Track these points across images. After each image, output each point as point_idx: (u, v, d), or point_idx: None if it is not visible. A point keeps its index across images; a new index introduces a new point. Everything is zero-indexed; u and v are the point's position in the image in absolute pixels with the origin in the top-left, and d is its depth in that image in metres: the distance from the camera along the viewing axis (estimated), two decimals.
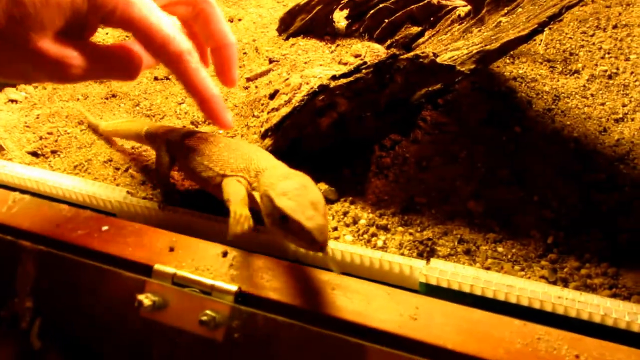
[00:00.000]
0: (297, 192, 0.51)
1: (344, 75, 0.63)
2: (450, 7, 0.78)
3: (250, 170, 0.59)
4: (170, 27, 0.51)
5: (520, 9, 0.63)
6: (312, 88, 0.65)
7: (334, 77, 0.63)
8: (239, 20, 1.23)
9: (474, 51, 0.59)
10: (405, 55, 0.58)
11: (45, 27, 0.46)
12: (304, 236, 0.48)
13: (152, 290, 0.50)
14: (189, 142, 0.65)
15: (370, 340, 0.45)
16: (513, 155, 0.70)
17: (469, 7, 0.73)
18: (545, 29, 0.60)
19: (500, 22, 0.63)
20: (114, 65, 0.53)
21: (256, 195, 0.55)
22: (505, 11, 0.65)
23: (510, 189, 0.66)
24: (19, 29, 0.45)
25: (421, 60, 0.57)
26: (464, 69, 0.58)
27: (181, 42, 0.51)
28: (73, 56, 0.48)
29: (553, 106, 0.76)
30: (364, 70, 0.61)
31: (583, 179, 0.67)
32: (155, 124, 0.81)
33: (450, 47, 0.65)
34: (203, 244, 0.55)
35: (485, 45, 0.59)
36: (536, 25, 0.56)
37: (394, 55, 0.58)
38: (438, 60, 0.60)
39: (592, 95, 0.77)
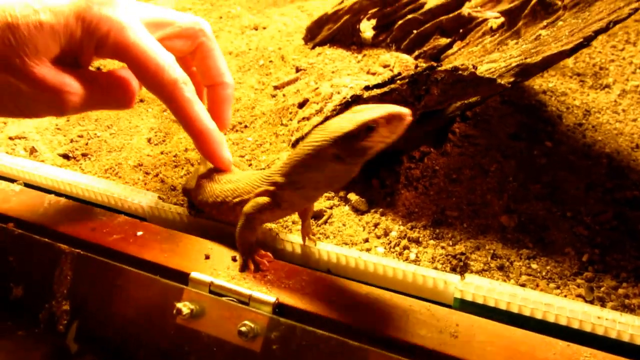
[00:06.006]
0: (341, 117, 0.48)
1: (377, 86, 0.62)
2: (480, 19, 0.77)
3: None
4: (164, 55, 0.49)
5: (561, 22, 0.62)
6: (344, 98, 0.64)
7: (367, 88, 0.62)
8: (264, 28, 1.22)
9: (513, 64, 0.58)
10: (444, 67, 0.57)
11: (40, 53, 0.46)
12: (397, 121, 0.46)
13: (189, 298, 0.49)
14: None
15: (410, 356, 0.44)
16: (544, 169, 0.69)
17: (501, 20, 0.72)
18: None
19: (540, 35, 0.62)
20: (110, 94, 0.52)
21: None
22: (545, 24, 0.64)
23: (542, 204, 0.65)
24: (14, 54, 0.45)
25: (460, 72, 0.55)
26: (503, 81, 0.57)
27: (175, 70, 0.50)
28: (71, 84, 0.48)
29: (584, 121, 0.75)
30: (398, 81, 0.60)
31: (616, 195, 0.65)
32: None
33: (485, 59, 0.64)
34: (238, 253, 0.54)
35: (526, 58, 0.57)
36: (581, 40, 0.55)
37: (431, 66, 0.57)
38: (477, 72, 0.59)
39: (623, 110, 0.76)
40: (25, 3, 0.45)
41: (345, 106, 0.63)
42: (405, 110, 0.46)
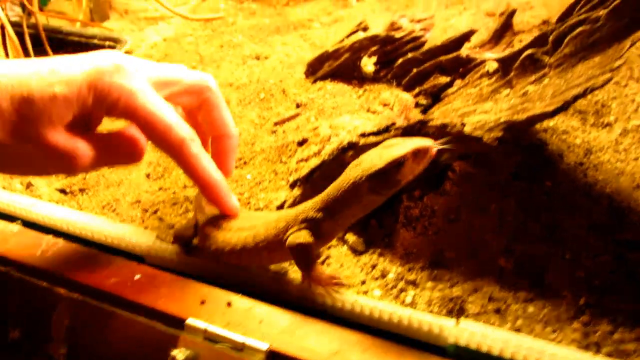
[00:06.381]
0: (372, 153, 0.55)
1: (373, 134, 0.65)
2: (479, 61, 0.81)
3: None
4: (171, 115, 0.54)
5: (547, 80, 0.66)
6: (341, 143, 0.68)
7: (363, 135, 0.66)
8: (266, 58, 1.26)
9: (502, 119, 0.62)
10: (433, 123, 0.60)
11: (55, 122, 0.50)
12: (423, 154, 0.54)
13: (185, 344, 0.52)
14: None
15: None
16: (544, 209, 0.72)
17: (497, 64, 0.75)
18: None
19: (527, 91, 0.65)
20: (120, 153, 0.57)
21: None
22: (533, 78, 0.68)
23: (541, 245, 0.68)
24: (30, 125, 0.49)
25: (449, 129, 0.59)
26: (491, 135, 0.61)
27: (182, 129, 0.54)
28: (82, 147, 0.52)
29: (585, 160, 0.78)
30: (392, 131, 0.63)
31: (616, 236, 0.68)
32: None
33: (478, 108, 0.68)
34: (234, 298, 0.57)
35: (513, 115, 0.61)
36: (562, 103, 0.59)
37: (422, 121, 0.61)
38: (466, 121, 0.63)
39: (625, 149, 0.79)
40: (40, 76, 0.49)
41: (342, 151, 0.68)
42: (429, 144, 0.54)
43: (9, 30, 1.24)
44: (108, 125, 0.57)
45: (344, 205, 0.56)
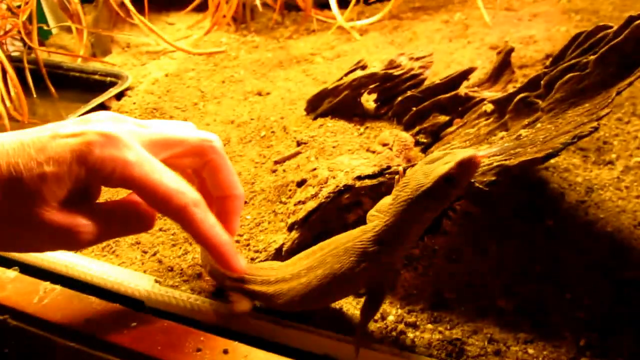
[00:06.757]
0: (417, 172, 0.57)
1: (368, 177, 0.69)
2: (478, 99, 0.84)
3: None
4: (172, 180, 0.54)
5: (539, 124, 0.69)
6: (337, 186, 0.71)
7: (359, 177, 0.70)
8: (267, 94, 1.30)
9: (495, 163, 0.65)
10: None
11: (48, 200, 0.49)
12: (468, 164, 0.55)
13: None
14: None
15: None
16: (545, 249, 0.75)
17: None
18: None
19: (520, 134, 0.69)
20: (128, 223, 0.57)
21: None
22: (526, 122, 0.71)
23: (541, 286, 0.70)
24: (22, 207, 0.49)
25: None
26: (484, 179, 0.64)
27: (185, 193, 0.54)
28: (82, 222, 0.52)
29: (586, 198, 0.81)
30: (387, 175, 0.67)
31: (617, 276, 0.71)
32: None
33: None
34: (231, 345, 0.60)
35: (505, 160, 0.65)
36: (551, 150, 0.62)
37: (414, 165, 0.64)
38: None
39: (626, 187, 0.82)
40: (29, 156, 0.49)
41: (338, 194, 0.71)
42: (472, 153, 0.55)
43: (8, 67, 1.30)
44: None
45: (402, 228, 0.58)
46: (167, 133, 0.58)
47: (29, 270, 0.79)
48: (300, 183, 0.83)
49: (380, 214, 0.61)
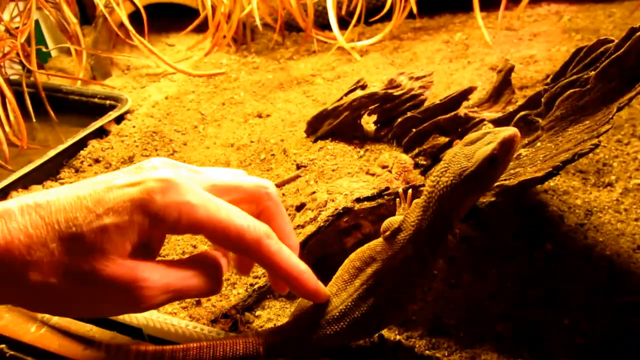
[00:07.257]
0: (458, 155, 0.57)
1: (367, 199, 0.70)
2: (477, 120, 0.86)
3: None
4: (241, 216, 0.53)
5: (539, 144, 0.70)
6: (336, 209, 0.72)
7: (358, 200, 0.71)
8: (268, 116, 1.32)
9: (494, 184, 0.66)
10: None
11: (110, 254, 0.47)
12: (509, 142, 0.55)
13: None
14: None
15: None
16: (544, 273, 0.75)
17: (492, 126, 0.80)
18: None
19: (520, 154, 0.70)
20: (193, 282, 0.54)
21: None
22: (526, 142, 0.72)
23: (540, 311, 0.71)
24: (83, 262, 0.47)
25: None
26: (484, 200, 0.65)
27: (257, 227, 0.53)
28: (144, 277, 0.49)
29: (585, 221, 0.82)
30: (386, 197, 0.68)
31: (616, 300, 0.71)
32: None
33: None
34: None
35: (505, 180, 0.65)
36: (551, 169, 0.63)
37: (414, 186, 0.65)
38: None
39: (625, 210, 0.83)
40: (87, 209, 0.47)
41: (337, 217, 0.72)
42: (512, 132, 0.56)
43: (7, 91, 1.31)
44: None
45: (444, 213, 0.58)
46: (223, 178, 0.57)
47: None
48: (300, 207, 0.84)
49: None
